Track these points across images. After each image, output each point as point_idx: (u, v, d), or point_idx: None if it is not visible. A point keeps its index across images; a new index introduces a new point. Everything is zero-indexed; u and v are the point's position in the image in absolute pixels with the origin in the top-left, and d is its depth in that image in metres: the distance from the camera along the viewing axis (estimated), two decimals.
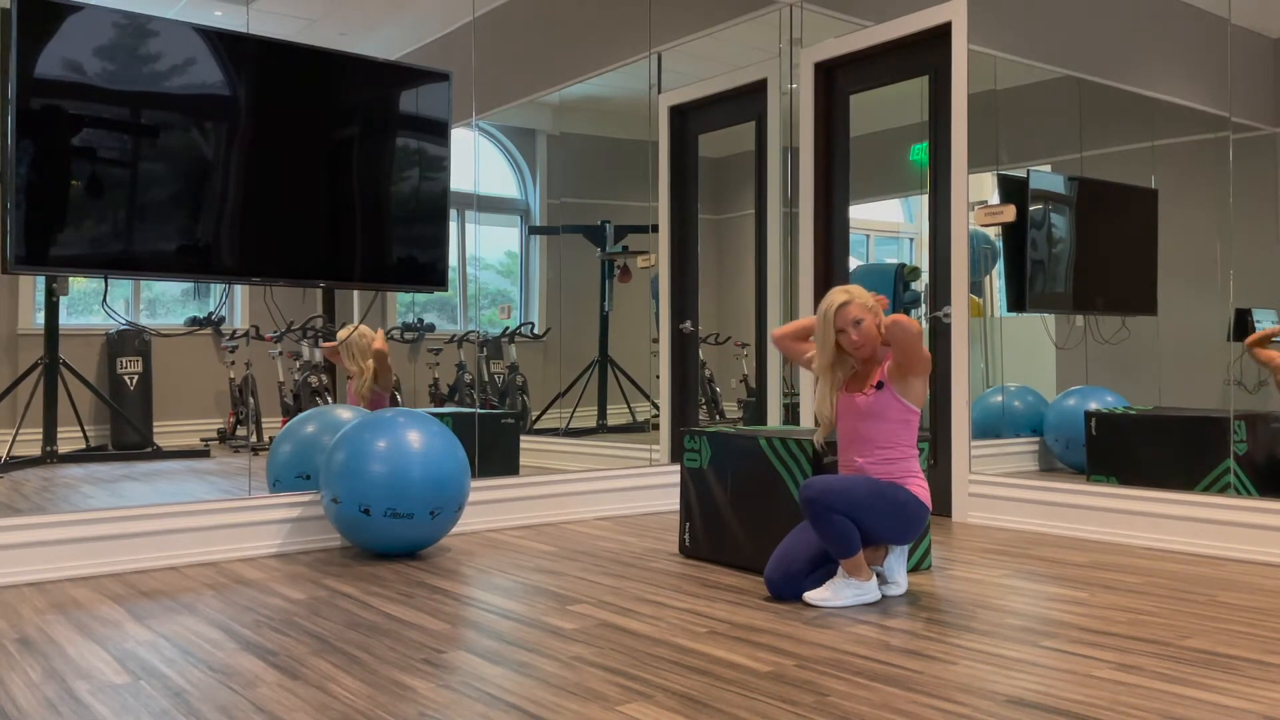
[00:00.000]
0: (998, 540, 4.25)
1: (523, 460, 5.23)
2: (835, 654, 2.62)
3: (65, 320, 4.29)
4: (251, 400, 4.71)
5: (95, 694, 2.34)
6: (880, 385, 3.23)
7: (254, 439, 4.71)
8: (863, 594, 3.16)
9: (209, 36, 3.86)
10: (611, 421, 5.84)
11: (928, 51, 5.02)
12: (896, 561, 3.28)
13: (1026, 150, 4.73)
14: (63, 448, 4.25)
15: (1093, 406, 4.48)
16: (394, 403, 5.03)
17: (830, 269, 5.52)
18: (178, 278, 3.94)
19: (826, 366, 3.30)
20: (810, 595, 3.15)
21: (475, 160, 5.12)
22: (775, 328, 3.44)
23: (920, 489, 3.23)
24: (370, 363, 4.78)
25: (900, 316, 3.16)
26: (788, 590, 3.22)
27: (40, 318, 4.26)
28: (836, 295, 3.26)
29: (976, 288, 4.88)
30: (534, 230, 5.71)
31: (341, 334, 4.84)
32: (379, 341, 4.80)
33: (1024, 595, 3.26)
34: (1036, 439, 4.75)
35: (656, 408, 5.85)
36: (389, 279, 4.35)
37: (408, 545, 3.87)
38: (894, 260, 5.49)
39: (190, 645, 2.73)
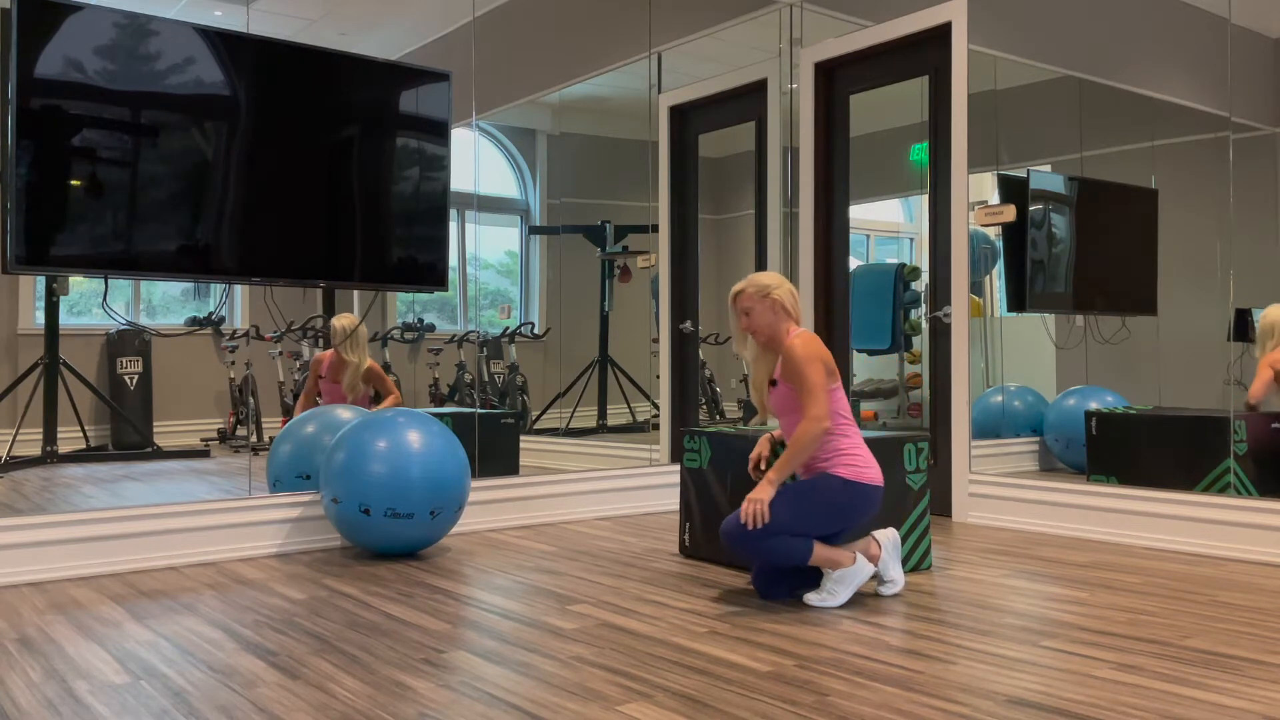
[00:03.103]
0: (998, 540, 4.25)
1: (523, 460, 5.23)
2: (835, 654, 2.62)
3: (65, 320, 4.29)
4: (251, 400, 4.71)
5: (95, 694, 2.34)
6: (774, 383, 3.25)
7: (254, 439, 4.71)
8: (857, 578, 3.14)
9: (209, 36, 3.86)
10: (611, 421, 5.84)
11: (928, 51, 5.02)
12: (891, 559, 3.27)
13: (1026, 150, 4.73)
14: (63, 448, 4.25)
15: (1093, 406, 4.48)
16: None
17: (830, 269, 5.52)
18: (178, 278, 3.94)
19: (741, 348, 3.37)
20: (810, 598, 3.15)
21: (475, 160, 5.12)
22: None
23: (849, 468, 3.17)
24: (366, 362, 4.79)
25: (791, 345, 3.17)
26: (776, 591, 3.22)
27: (40, 318, 4.26)
28: (738, 285, 3.32)
29: (976, 288, 4.88)
30: (534, 230, 5.70)
31: (344, 323, 4.82)
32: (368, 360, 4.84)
33: (1024, 595, 3.26)
34: (1036, 439, 4.75)
35: (656, 408, 5.85)
36: (389, 279, 4.35)
37: (408, 545, 3.87)
38: (894, 260, 5.49)
39: (190, 645, 2.73)
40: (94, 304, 4.39)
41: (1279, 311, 3.85)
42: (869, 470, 3.20)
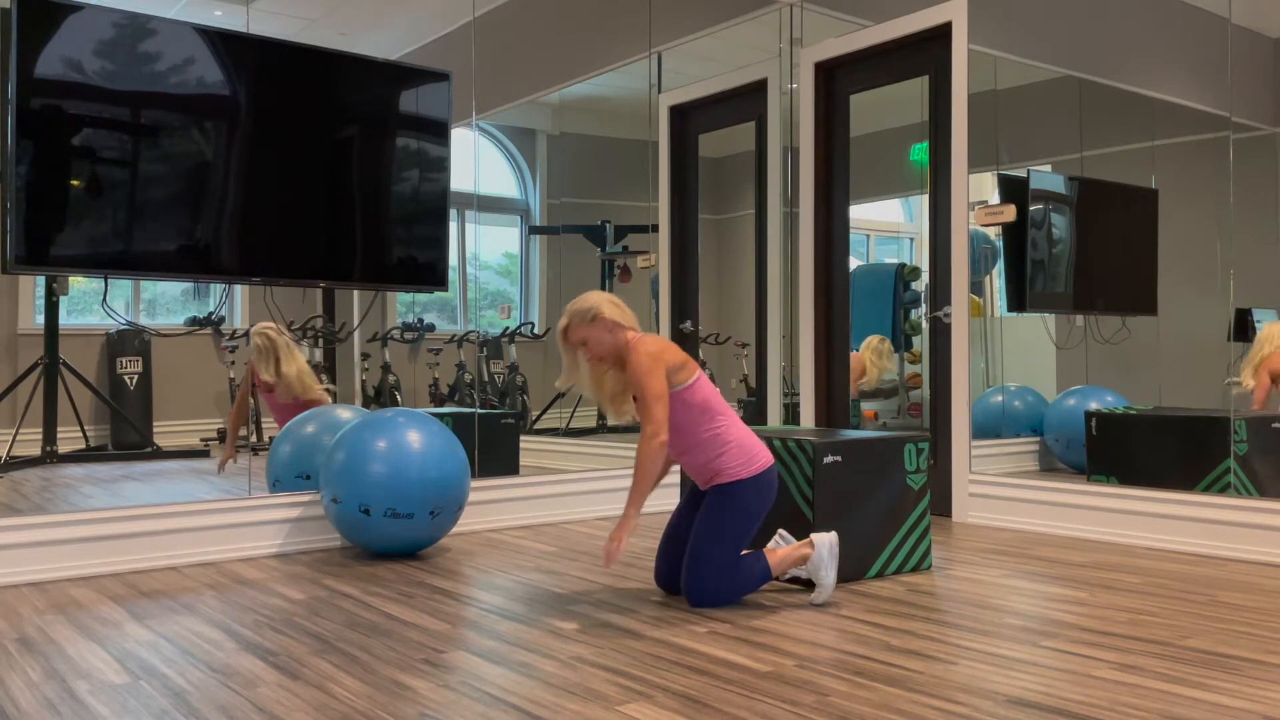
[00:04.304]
0: (998, 540, 4.25)
1: (523, 460, 5.23)
2: (835, 654, 2.62)
3: (65, 320, 4.29)
4: (251, 400, 4.71)
5: (95, 694, 2.34)
6: (636, 399, 3.12)
7: (254, 439, 4.70)
8: (827, 554, 3.14)
9: (209, 36, 3.86)
10: (612, 421, 5.83)
11: (928, 51, 5.02)
12: (827, 563, 3.18)
13: (1026, 150, 4.73)
14: (63, 448, 4.25)
15: (1093, 406, 4.48)
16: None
17: (830, 269, 5.52)
18: (178, 278, 3.94)
19: (569, 379, 3.19)
20: (813, 598, 3.18)
21: (475, 160, 5.12)
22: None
23: (741, 465, 3.12)
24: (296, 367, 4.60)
25: (633, 362, 3.02)
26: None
27: (40, 318, 4.26)
28: (561, 322, 3.15)
29: (976, 288, 4.88)
30: (534, 230, 5.70)
31: (262, 342, 4.52)
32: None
33: (1024, 595, 3.26)
34: (1036, 439, 4.75)
35: None
36: (389, 279, 4.35)
37: (408, 545, 3.87)
38: (894, 260, 5.49)
39: (190, 645, 2.73)
40: (94, 304, 4.39)
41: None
42: (759, 455, 3.15)
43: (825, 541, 3.15)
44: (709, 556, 3.11)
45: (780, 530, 3.36)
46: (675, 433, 3.14)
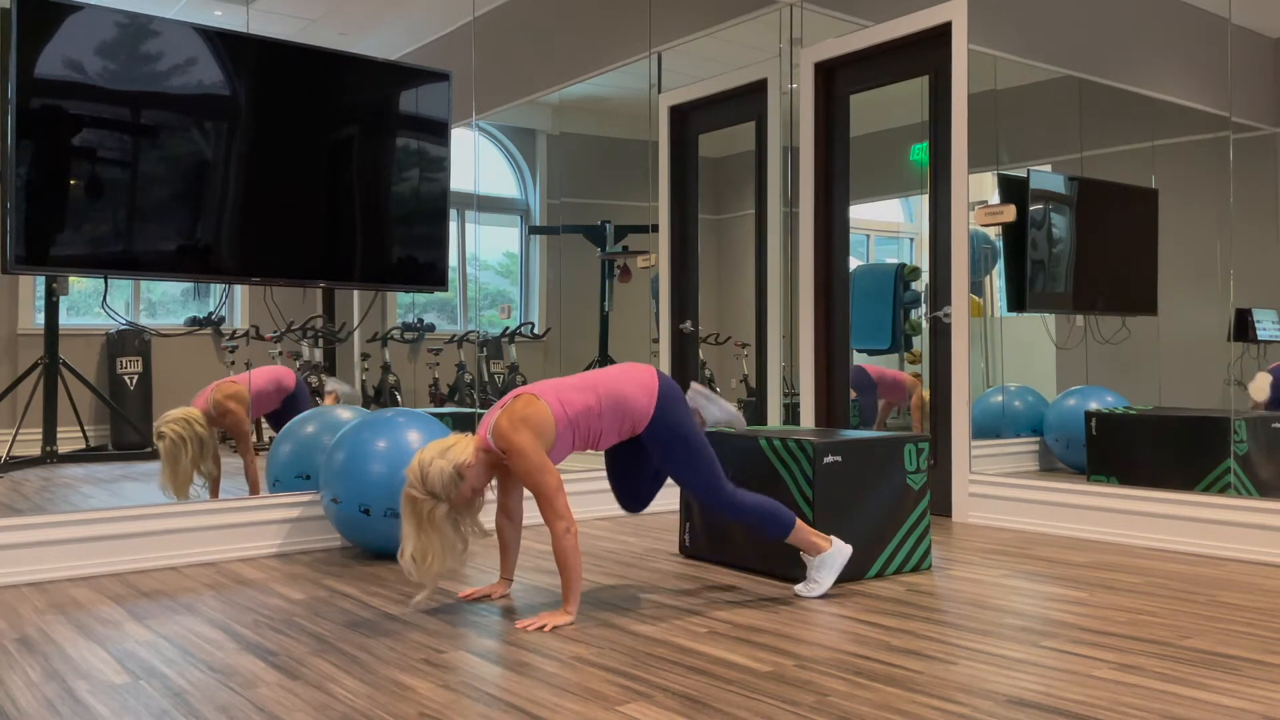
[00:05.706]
0: (998, 540, 4.25)
1: None
2: (835, 654, 2.62)
3: (65, 320, 4.28)
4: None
5: (95, 694, 2.34)
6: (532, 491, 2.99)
7: (254, 438, 4.70)
8: (837, 562, 3.22)
9: (209, 36, 3.86)
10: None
11: (928, 51, 5.02)
12: (831, 566, 3.25)
13: (1026, 150, 4.73)
14: (63, 448, 4.25)
15: (1093, 406, 4.48)
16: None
17: (830, 269, 5.52)
18: (178, 278, 3.94)
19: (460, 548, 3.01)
20: (798, 589, 3.25)
21: (475, 160, 5.12)
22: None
23: (640, 408, 3.07)
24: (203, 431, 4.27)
25: (519, 466, 2.92)
26: (635, 504, 3.36)
27: (40, 318, 4.25)
28: (438, 509, 2.92)
29: (976, 288, 4.87)
30: (534, 230, 5.70)
31: (170, 430, 4.21)
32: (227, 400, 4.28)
33: (1024, 595, 3.26)
34: (1036, 439, 4.75)
35: None
36: (389, 279, 4.35)
37: None
38: (894, 260, 5.49)
39: (190, 645, 2.73)
40: (94, 304, 4.39)
41: None
42: (645, 382, 3.11)
43: (843, 550, 3.24)
44: (704, 484, 3.11)
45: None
46: (586, 447, 3.14)
